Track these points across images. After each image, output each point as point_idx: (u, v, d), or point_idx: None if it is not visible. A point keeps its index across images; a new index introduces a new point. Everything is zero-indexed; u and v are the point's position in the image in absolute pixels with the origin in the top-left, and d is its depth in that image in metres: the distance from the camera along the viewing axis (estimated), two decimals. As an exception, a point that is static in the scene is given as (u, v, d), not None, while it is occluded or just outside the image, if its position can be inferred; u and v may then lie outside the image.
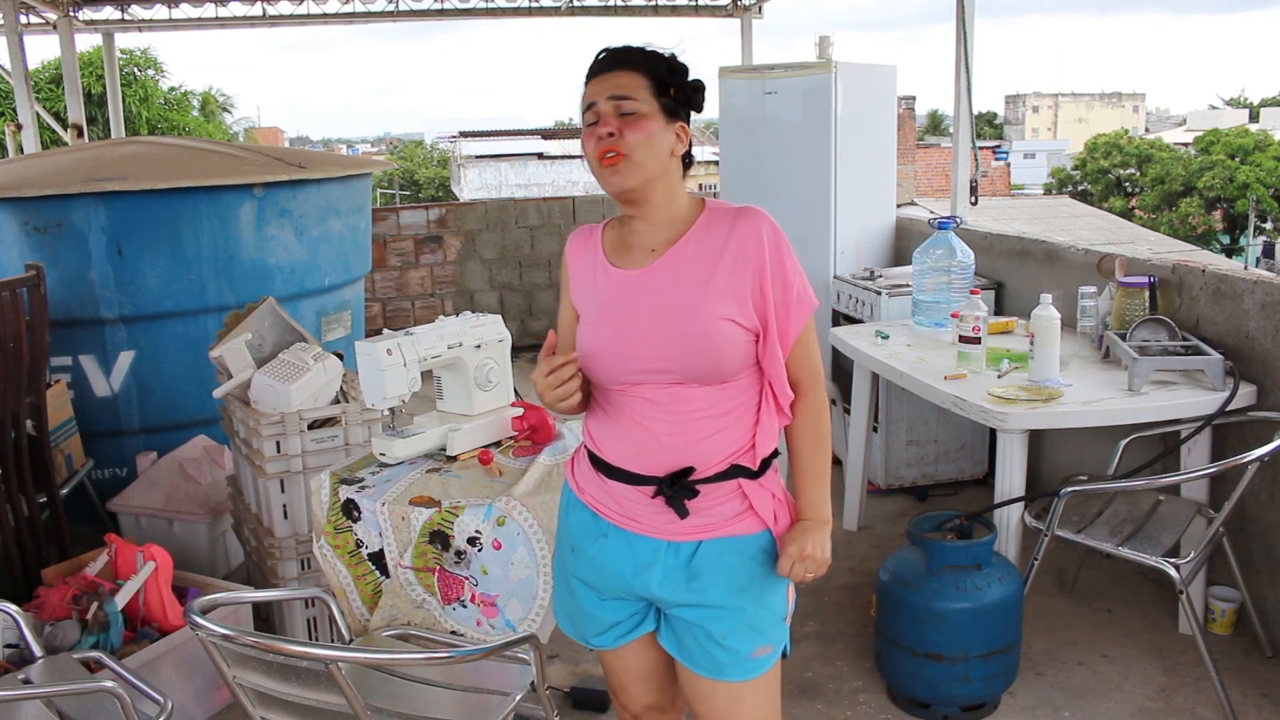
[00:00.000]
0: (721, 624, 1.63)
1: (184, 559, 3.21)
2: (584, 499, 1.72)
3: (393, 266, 6.93)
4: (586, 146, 1.60)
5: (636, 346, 1.59)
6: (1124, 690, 2.74)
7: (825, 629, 3.11)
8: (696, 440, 1.61)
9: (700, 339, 1.56)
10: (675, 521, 1.63)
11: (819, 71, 4.40)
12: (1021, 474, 2.77)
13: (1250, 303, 2.89)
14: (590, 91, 1.60)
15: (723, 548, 1.64)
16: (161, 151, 4.14)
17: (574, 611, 1.77)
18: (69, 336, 3.73)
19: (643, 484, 1.63)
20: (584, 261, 1.70)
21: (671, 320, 1.58)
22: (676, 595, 1.65)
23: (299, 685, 1.74)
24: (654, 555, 1.64)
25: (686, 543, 1.64)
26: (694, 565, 1.63)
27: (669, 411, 1.60)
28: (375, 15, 7.12)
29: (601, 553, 1.69)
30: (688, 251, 1.60)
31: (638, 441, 1.63)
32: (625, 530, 1.66)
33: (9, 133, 6.70)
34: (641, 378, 1.60)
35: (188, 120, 19.83)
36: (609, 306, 1.63)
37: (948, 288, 3.60)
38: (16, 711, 2.11)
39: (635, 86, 1.57)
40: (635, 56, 1.60)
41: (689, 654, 1.68)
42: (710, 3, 7.27)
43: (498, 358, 2.49)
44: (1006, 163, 25.84)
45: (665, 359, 1.58)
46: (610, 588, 1.70)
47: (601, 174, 1.59)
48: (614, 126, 1.56)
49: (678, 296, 1.58)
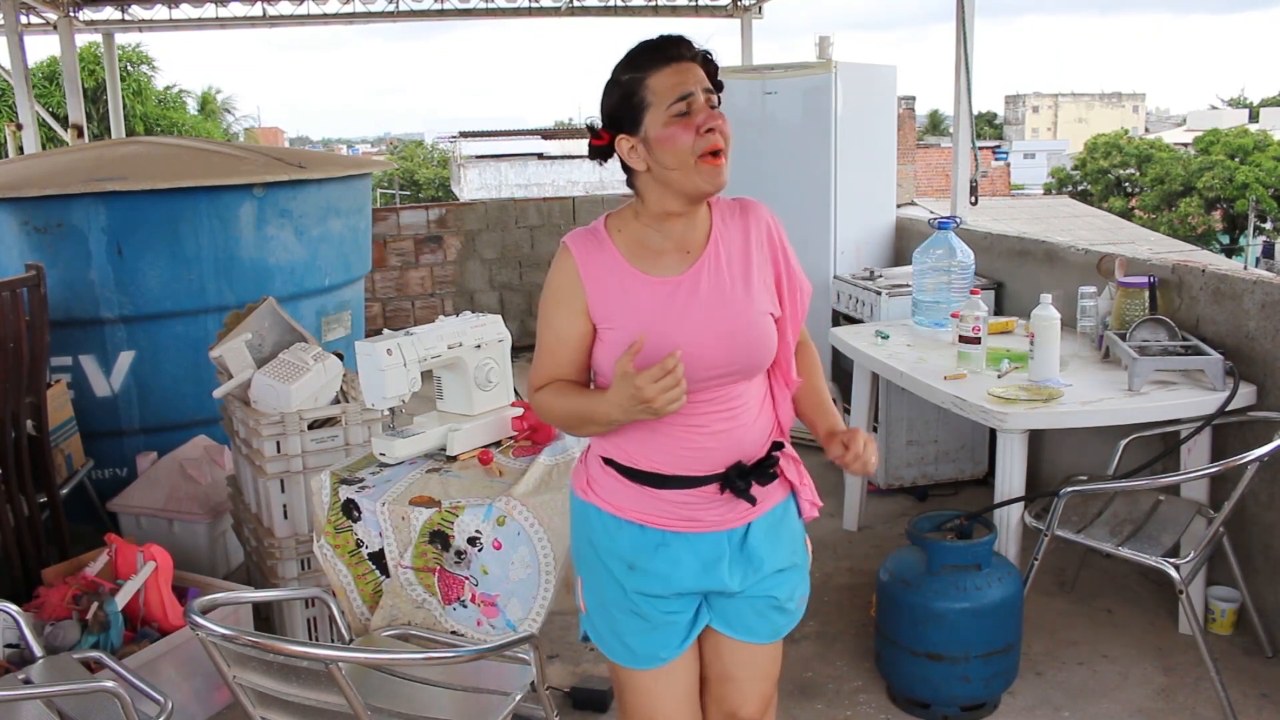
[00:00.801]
0: (785, 588, 1.73)
1: (184, 559, 3.21)
2: (627, 516, 1.66)
3: (393, 266, 6.93)
4: (681, 138, 1.50)
5: (695, 353, 1.55)
6: (1124, 690, 2.74)
7: (825, 629, 3.11)
8: (748, 430, 1.65)
9: (755, 335, 1.61)
10: (733, 510, 1.66)
11: (819, 71, 4.41)
12: (1021, 474, 2.77)
13: (1250, 303, 2.89)
14: (678, 79, 1.50)
15: (769, 520, 1.71)
16: (162, 151, 4.14)
17: (643, 629, 1.69)
18: (69, 336, 3.73)
19: (703, 484, 1.64)
20: (603, 272, 1.59)
21: (727, 321, 1.59)
22: (747, 580, 1.70)
23: (299, 685, 1.74)
24: (719, 549, 1.67)
25: (738, 529, 1.68)
26: (749, 545, 1.68)
27: (725, 409, 1.62)
28: (375, 15, 7.13)
29: (665, 561, 1.66)
30: (720, 250, 1.62)
31: (694, 445, 1.62)
32: (685, 534, 1.66)
33: (9, 133, 6.71)
34: (700, 385, 1.58)
35: (185, 118, 19.86)
36: (656, 317, 1.57)
37: (948, 288, 3.60)
38: (16, 711, 2.11)
39: (709, 80, 1.54)
40: (699, 52, 1.55)
41: (749, 628, 1.73)
42: (710, 3, 7.27)
43: (498, 358, 2.49)
44: (1006, 163, 25.83)
45: (727, 361, 1.59)
46: (681, 589, 1.68)
47: (702, 171, 1.51)
48: (717, 122, 1.50)
49: (726, 298, 1.60)
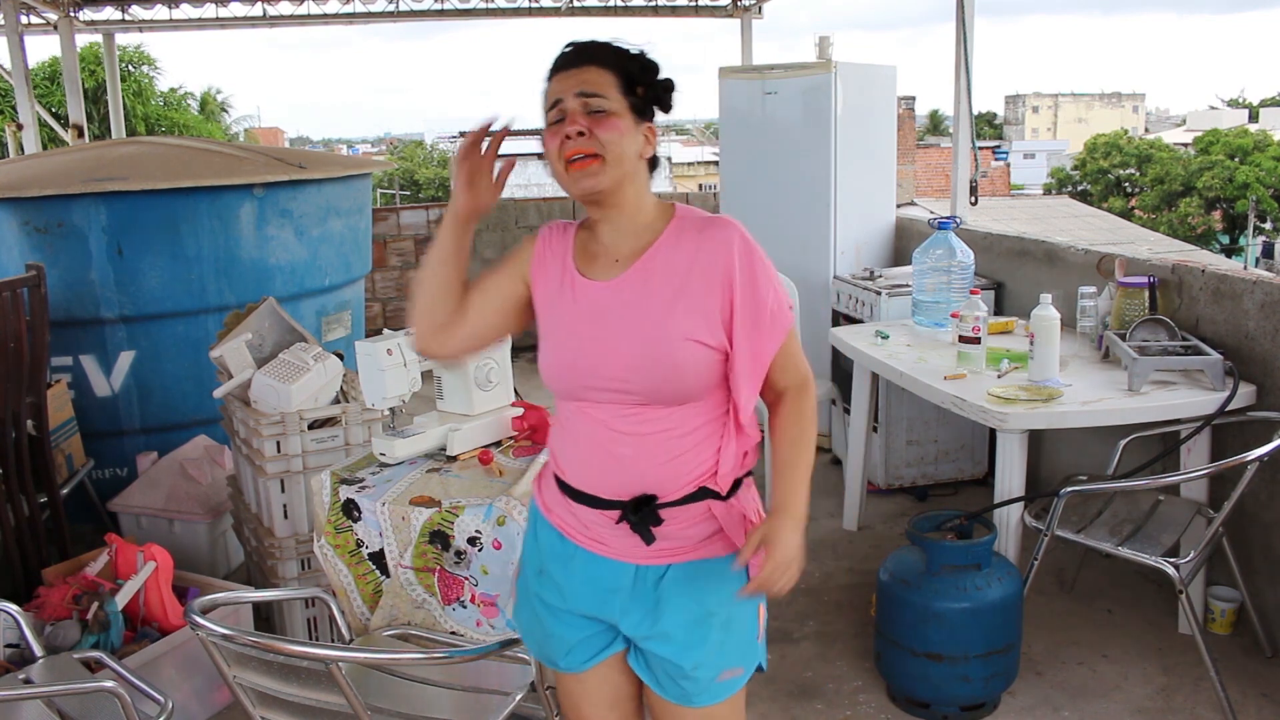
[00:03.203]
0: (689, 656, 1.57)
1: (184, 559, 3.21)
2: (551, 519, 1.64)
3: (393, 266, 6.93)
4: (549, 146, 1.50)
5: (598, 363, 1.51)
6: (1124, 690, 2.74)
7: (825, 629, 3.11)
8: (661, 463, 1.52)
9: (664, 359, 1.48)
10: (642, 545, 1.55)
11: (819, 71, 4.41)
12: (1021, 474, 2.77)
13: (1250, 303, 2.89)
14: (555, 87, 1.50)
15: (691, 571, 1.57)
16: (162, 151, 4.14)
17: (540, 634, 1.68)
18: (69, 336, 3.73)
19: (607, 508, 1.56)
20: (553, 265, 1.60)
21: (635, 338, 1.49)
22: (642, 629, 1.58)
23: (299, 685, 1.74)
24: (620, 579, 1.58)
25: (655, 566, 1.57)
26: (661, 589, 1.57)
27: (632, 433, 1.52)
28: (375, 15, 7.13)
29: (570, 575, 1.61)
30: (655, 264, 1.52)
31: (601, 464, 1.55)
32: (593, 554, 1.59)
33: (9, 132, 6.71)
34: (603, 396, 1.52)
35: (187, 119, 19.89)
36: (574, 319, 1.55)
37: (948, 288, 3.60)
38: (17, 711, 2.12)
39: (604, 83, 1.48)
40: (603, 52, 1.51)
41: (658, 681, 1.62)
42: (710, 3, 7.27)
43: (498, 358, 2.49)
44: (1006, 163, 25.86)
45: (628, 378, 1.50)
46: (577, 609, 1.63)
47: (567, 176, 1.49)
48: (583, 125, 1.47)
49: (643, 314, 1.50)
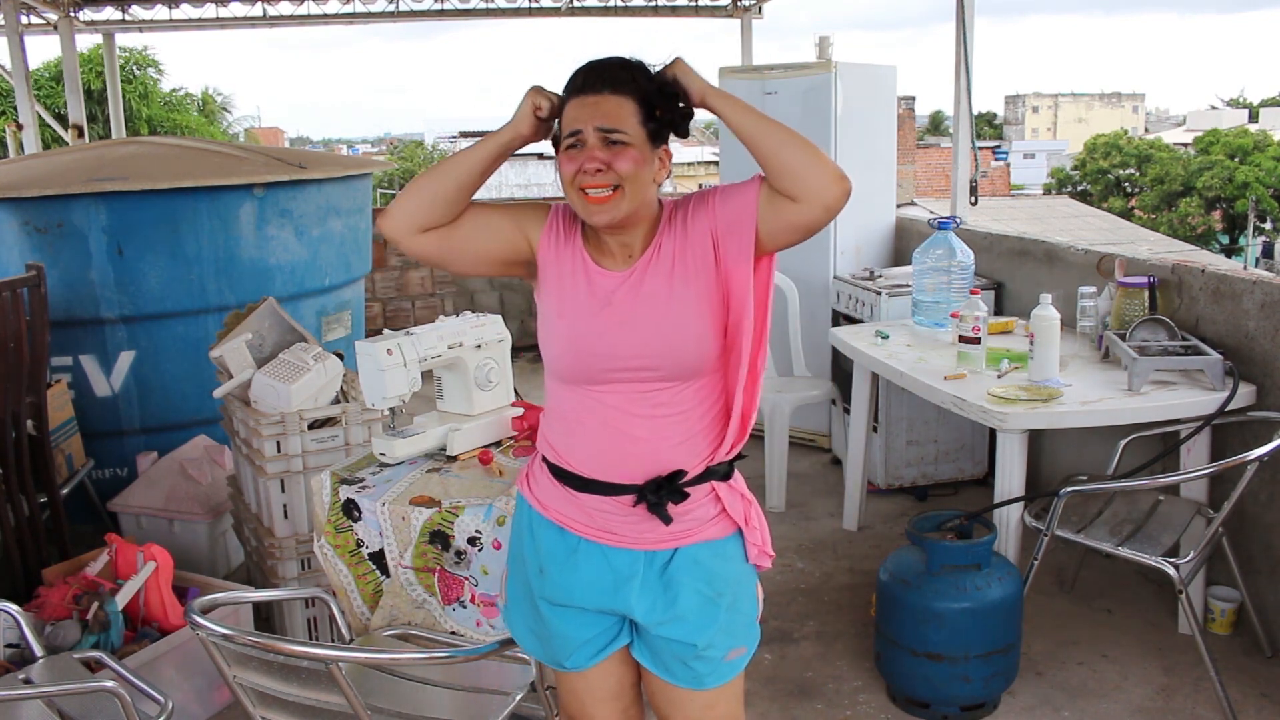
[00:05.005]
0: (703, 635, 1.60)
1: (184, 559, 3.21)
2: (550, 516, 1.65)
3: (393, 266, 6.92)
4: (565, 169, 1.53)
5: (617, 345, 1.55)
6: (1124, 690, 2.74)
7: (825, 629, 3.11)
8: (675, 444, 1.57)
9: (684, 329, 1.54)
10: (653, 530, 1.58)
11: (819, 71, 4.41)
12: (1021, 474, 2.77)
13: (1250, 303, 2.89)
14: (574, 115, 1.51)
15: (699, 553, 1.61)
16: (162, 151, 4.14)
17: (543, 633, 1.69)
18: (69, 336, 3.73)
19: (620, 493, 1.58)
20: (565, 247, 1.62)
21: (654, 312, 1.55)
22: (655, 615, 1.61)
23: (299, 685, 1.74)
24: (633, 567, 1.60)
25: (662, 550, 1.60)
26: (669, 573, 1.60)
27: (646, 415, 1.56)
28: (375, 15, 7.12)
29: (575, 571, 1.63)
30: (663, 247, 1.58)
31: (612, 448, 1.58)
32: (600, 544, 1.61)
33: (9, 132, 6.71)
34: (620, 377, 1.56)
35: (189, 120, 19.91)
36: (590, 305, 1.58)
37: (948, 288, 3.60)
38: (17, 711, 2.12)
39: (623, 115, 1.50)
40: (624, 78, 1.51)
41: (666, 667, 1.64)
42: (710, 3, 7.26)
43: (498, 358, 2.49)
44: (1006, 163, 25.88)
45: (649, 353, 1.54)
46: (585, 605, 1.64)
47: (584, 207, 1.52)
48: (601, 161, 1.49)
49: (661, 289, 1.55)
